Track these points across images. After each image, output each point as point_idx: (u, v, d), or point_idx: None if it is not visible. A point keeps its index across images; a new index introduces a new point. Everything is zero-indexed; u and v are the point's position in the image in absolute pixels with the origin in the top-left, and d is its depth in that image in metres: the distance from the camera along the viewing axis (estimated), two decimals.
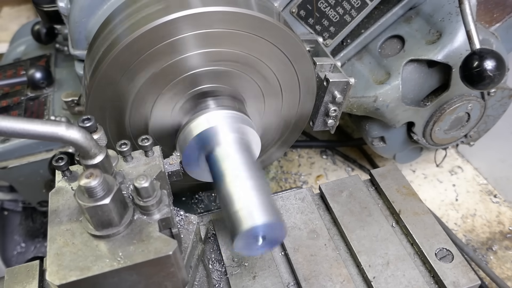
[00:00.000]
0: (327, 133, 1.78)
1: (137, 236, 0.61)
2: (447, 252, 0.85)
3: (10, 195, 1.36)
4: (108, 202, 0.57)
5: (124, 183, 0.67)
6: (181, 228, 0.76)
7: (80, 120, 0.63)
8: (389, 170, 1.00)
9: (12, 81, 1.28)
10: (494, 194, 1.57)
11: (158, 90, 0.83)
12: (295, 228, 0.90)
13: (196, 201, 1.32)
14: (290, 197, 0.96)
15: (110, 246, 0.60)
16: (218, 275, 0.84)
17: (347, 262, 0.86)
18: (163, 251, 0.59)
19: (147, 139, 0.71)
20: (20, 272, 0.80)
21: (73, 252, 0.59)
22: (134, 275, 0.60)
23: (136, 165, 0.70)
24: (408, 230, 0.89)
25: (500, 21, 1.16)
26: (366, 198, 0.95)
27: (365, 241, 0.87)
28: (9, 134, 0.55)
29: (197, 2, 0.75)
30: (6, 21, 2.45)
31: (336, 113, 1.00)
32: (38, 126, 0.56)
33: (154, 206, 0.62)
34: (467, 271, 0.81)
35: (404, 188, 0.97)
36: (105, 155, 0.63)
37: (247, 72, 0.86)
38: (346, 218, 0.91)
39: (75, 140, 0.58)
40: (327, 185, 0.98)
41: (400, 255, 0.85)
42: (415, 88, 1.17)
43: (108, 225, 0.60)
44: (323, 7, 1.05)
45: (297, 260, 0.84)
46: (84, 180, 0.56)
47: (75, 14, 0.95)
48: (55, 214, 0.64)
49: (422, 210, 0.92)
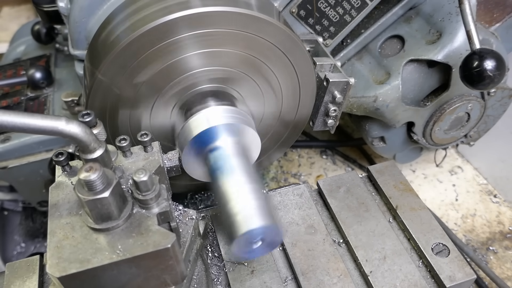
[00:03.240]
0: (327, 133, 1.78)
1: (136, 229, 0.61)
2: (443, 247, 0.85)
3: (10, 195, 1.36)
4: (107, 196, 0.58)
5: (124, 178, 0.67)
6: (180, 223, 0.77)
7: (80, 115, 0.64)
8: (386, 166, 1.01)
9: (12, 81, 1.28)
10: (494, 194, 1.57)
11: (158, 90, 0.83)
12: (293, 223, 0.91)
13: (196, 201, 1.32)
14: (288, 193, 0.97)
15: (110, 239, 0.60)
16: (217, 269, 0.85)
17: (345, 257, 0.87)
18: (161, 244, 0.60)
19: (146, 134, 0.71)
20: (20, 267, 0.80)
21: (73, 245, 0.60)
22: (133, 267, 0.60)
23: (135, 160, 0.71)
24: (405, 225, 0.89)
25: (500, 21, 1.16)
26: (364, 194, 0.96)
27: (362, 236, 0.88)
28: (10, 128, 0.55)
29: (197, 2, 0.75)
30: (6, 21, 2.45)
31: (336, 113, 1.00)
32: (39, 120, 0.56)
33: (153, 200, 0.63)
34: (463, 266, 0.82)
35: (401, 184, 0.97)
36: (104, 149, 0.63)
37: (247, 72, 0.86)
38: (343, 214, 0.92)
39: (74, 134, 0.59)
40: (325, 181, 0.99)
41: (397, 250, 0.85)
42: (415, 88, 1.17)
43: (108, 218, 0.60)
44: (323, 7, 1.05)
45: (295, 255, 0.85)
46: (83, 174, 0.56)
47: (75, 14, 0.95)
48: (55, 208, 0.65)
49: (419, 206, 0.93)
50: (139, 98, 0.83)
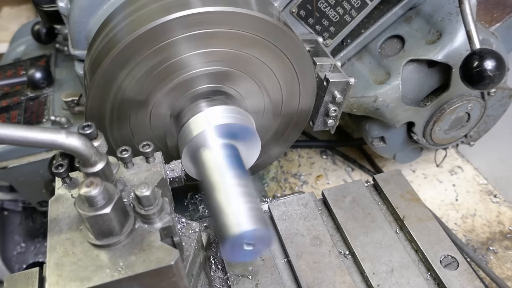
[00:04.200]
0: (327, 133, 1.78)
1: (138, 245, 0.60)
2: (452, 259, 0.83)
3: (10, 195, 1.36)
4: (109, 212, 0.56)
5: (125, 190, 0.66)
6: (183, 236, 0.75)
7: (81, 127, 0.62)
8: (393, 175, 0.99)
9: (12, 81, 1.28)
10: (494, 194, 1.57)
11: (159, 90, 0.83)
12: (298, 234, 0.89)
13: (196, 201, 1.32)
14: (293, 202, 0.95)
15: (111, 256, 0.59)
16: (220, 282, 0.83)
17: (351, 269, 0.85)
18: (165, 261, 0.58)
19: (148, 145, 0.70)
20: (19, 280, 0.78)
21: (73, 262, 0.59)
22: (135, 285, 0.59)
23: (137, 171, 0.69)
24: (412, 237, 0.88)
25: (500, 21, 1.16)
26: (370, 203, 0.94)
27: (369, 248, 0.86)
28: (8, 141, 0.54)
29: (197, 2, 0.75)
30: (6, 21, 2.45)
31: (336, 113, 1.00)
32: (38, 133, 0.55)
33: (156, 215, 0.61)
34: (473, 279, 0.80)
35: (408, 193, 0.95)
36: (105, 162, 0.62)
37: (247, 72, 0.86)
38: (349, 224, 0.90)
39: (75, 148, 0.57)
40: (330, 191, 0.97)
41: (405, 262, 0.84)
42: (415, 88, 1.17)
43: (109, 234, 0.59)
44: (323, 7, 1.05)
45: (300, 268, 0.83)
46: (84, 189, 0.55)
47: (75, 14, 0.95)
48: (55, 223, 0.63)
49: (427, 216, 0.91)
50: (140, 98, 0.83)
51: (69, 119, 1.15)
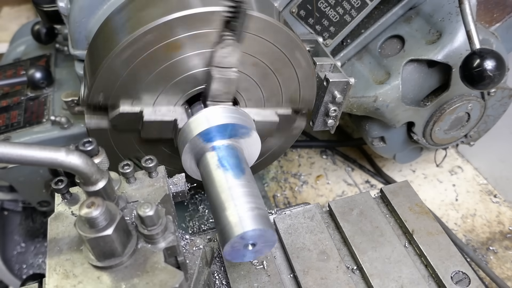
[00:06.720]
0: (327, 133, 1.78)
1: (141, 266, 0.58)
2: (463, 275, 0.81)
3: (10, 195, 1.36)
4: (110, 233, 0.54)
5: (127, 208, 0.63)
6: (187, 253, 0.72)
7: (81, 144, 0.60)
8: (401, 187, 0.97)
9: (12, 81, 1.28)
10: (494, 194, 1.57)
11: (159, 90, 0.83)
12: (304, 249, 0.87)
13: (196, 201, 1.32)
14: (299, 215, 0.93)
15: (113, 278, 0.57)
16: None
17: (359, 285, 0.83)
18: (169, 284, 0.56)
19: (151, 159, 0.68)
20: None
21: (73, 284, 0.56)
22: None
23: (140, 186, 0.67)
24: (422, 251, 0.85)
25: (500, 21, 1.16)
26: (378, 216, 0.92)
27: (378, 263, 0.83)
28: (6, 160, 0.52)
29: (197, 2, 0.75)
30: (6, 21, 2.45)
31: (336, 113, 1.00)
32: (37, 152, 0.53)
33: (159, 235, 0.59)
34: None
35: (417, 206, 0.93)
36: (107, 180, 0.59)
37: (246, 72, 0.86)
38: (357, 238, 0.88)
39: (75, 167, 0.55)
40: (337, 203, 0.94)
41: (415, 278, 0.81)
42: (415, 88, 1.17)
43: (111, 255, 0.57)
44: (323, 7, 1.05)
45: (307, 284, 0.81)
46: (85, 210, 0.53)
47: (75, 14, 0.95)
48: (54, 242, 0.61)
49: (436, 230, 0.88)
50: (140, 98, 0.83)
51: (69, 119, 1.15)
